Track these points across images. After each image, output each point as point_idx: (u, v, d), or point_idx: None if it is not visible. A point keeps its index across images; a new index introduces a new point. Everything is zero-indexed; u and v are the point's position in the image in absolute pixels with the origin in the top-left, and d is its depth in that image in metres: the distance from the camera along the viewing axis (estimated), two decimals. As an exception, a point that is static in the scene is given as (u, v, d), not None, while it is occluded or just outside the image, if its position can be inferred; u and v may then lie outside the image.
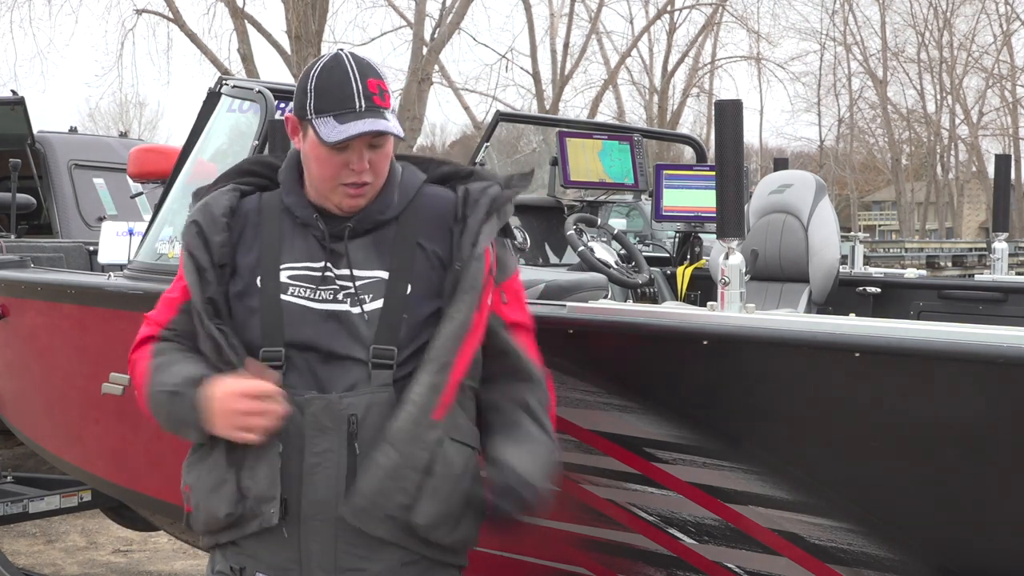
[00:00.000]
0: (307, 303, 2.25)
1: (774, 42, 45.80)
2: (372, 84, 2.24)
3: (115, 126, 43.15)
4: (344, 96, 2.22)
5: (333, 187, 2.26)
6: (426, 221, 2.32)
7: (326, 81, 2.24)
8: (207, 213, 2.34)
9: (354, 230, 2.29)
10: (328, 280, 2.26)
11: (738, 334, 2.55)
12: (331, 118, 2.21)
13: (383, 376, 2.21)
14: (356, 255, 2.28)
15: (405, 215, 2.32)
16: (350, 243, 2.28)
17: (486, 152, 5.00)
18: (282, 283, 2.26)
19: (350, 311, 2.24)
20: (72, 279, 4.76)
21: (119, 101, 45.12)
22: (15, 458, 6.86)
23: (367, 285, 2.26)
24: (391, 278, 2.26)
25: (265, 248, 2.30)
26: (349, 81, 2.23)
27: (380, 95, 2.24)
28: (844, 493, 2.49)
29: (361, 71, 2.24)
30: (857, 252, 5.28)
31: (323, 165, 2.25)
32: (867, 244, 24.80)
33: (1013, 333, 2.23)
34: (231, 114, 4.21)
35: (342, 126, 2.20)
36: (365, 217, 2.29)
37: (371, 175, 2.26)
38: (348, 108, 2.21)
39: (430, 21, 22.84)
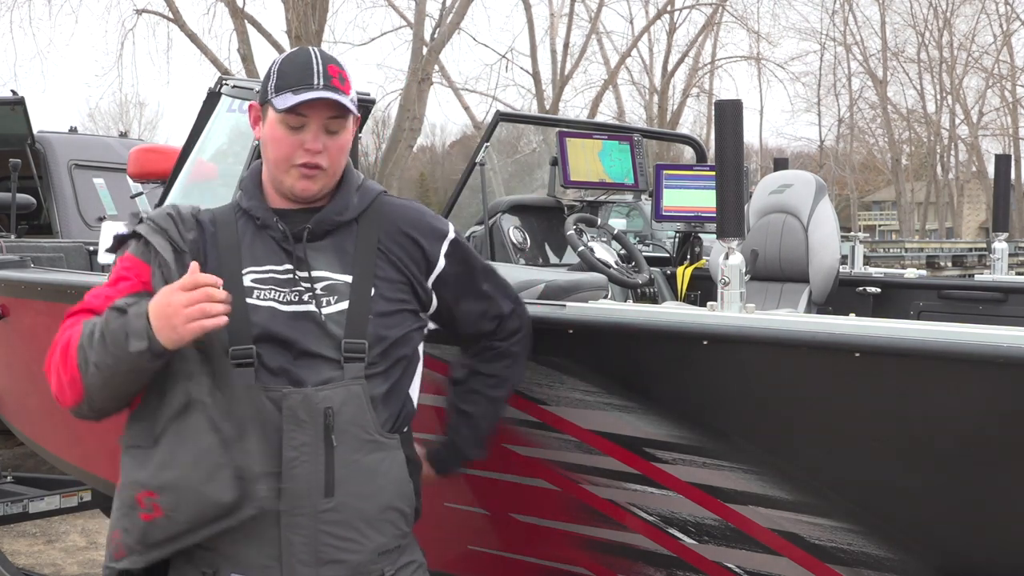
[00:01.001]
0: (275, 305, 2.28)
1: (774, 42, 45.87)
2: (332, 69, 2.30)
3: (115, 126, 43.19)
4: (304, 74, 2.28)
5: (287, 168, 2.30)
6: (389, 224, 2.39)
7: (288, 64, 2.31)
8: (177, 210, 2.38)
9: (313, 232, 2.33)
10: (293, 282, 2.29)
11: (738, 334, 2.55)
12: (288, 92, 2.27)
13: (355, 369, 2.26)
14: (317, 258, 2.32)
15: (366, 217, 2.38)
16: (310, 245, 2.32)
17: (486, 152, 5.00)
18: (247, 287, 2.29)
19: (316, 311, 2.28)
20: (72, 279, 4.76)
21: (119, 101, 45.26)
22: (15, 458, 6.86)
23: (330, 287, 2.30)
24: (355, 281, 2.31)
25: (223, 252, 2.32)
26: (310, 63, 2.30)
27: (340, 79, 2.30)
28: (844, 493, 2.49)
29: (324, 58, 2.32)
30: (857, 252, 5.29)
31: (279, 145, 2.29)
32: (867, 244, 24.81)
33: (1013, 333, 2.23)
34: (231, 114, 4.21)
35: (295, 96, 2.25)
36: (323, 219, 2.34)
37: (326, 160, 2.30)
38: (307, 82, 2.27)
39: (430, 21, 22.85)
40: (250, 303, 2.27)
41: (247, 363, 2.23)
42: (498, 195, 5.61)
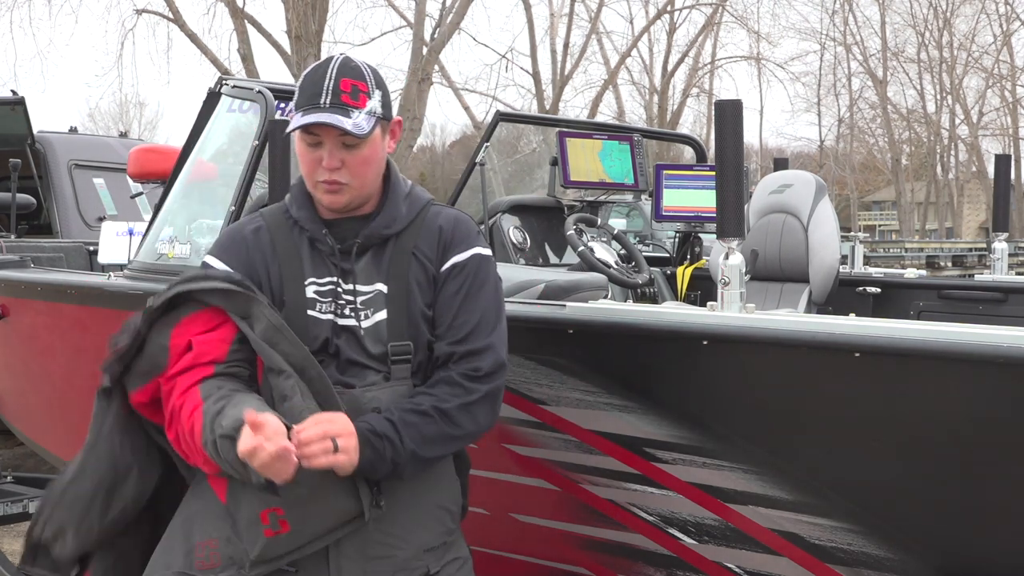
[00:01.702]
0: (334, 318, 2.31)
1: (774, 42, 45.88)
2: (345, 83, 2.28)
3: (115, 126, 43.16)
4: (315, 92, 2.27)
5: (313, 184, 2.32)
6: (427, 229, 2.38)
7: (307, 80, 2.31)
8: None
9: (362, 247, 2.35)
10: (340, 295, 2.32)
11: (738, 334, 2.55)
12: (300, 112, 2.27)
13: (402, 370, 2.29)
14: (360, 272, 2.34)
15: (407, 231, 2.38)
16: (357, 260, 2.34)
17: (486, 152, 5.00)
18: (309, 299, 2.32)
19: (358, 326, 2.31)
20: (72, 279, 4.76)
21: (119, 101, 45.23)
22: (15, 458, 6.86)
23: (369, 299, 2.32)
24: (391, 291, 2.32)
25: (284, 264, 2.34)
26: (323, 79, 2.28)
27: (352, 94, 2.28)
28: (844, 493, 2.49)
29: (339, 70, 2.29)
30: (857, 252, 5.28)
31: (302, 161, 2.32)
32: (867, 244, 24.80)
33: (1013, 333, 2.23)
34: (231, 114, 4.21)
35: (301, 119, 2.26)
36: (372, 234, 2.35)
37: (346, 176, 2.30)
38: (314, 103, 2.26)
39: (430, 21, 22.84)
40: (312, 315, 2.30)
41: None
42: (498, 195, 5.61)
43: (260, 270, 2.34)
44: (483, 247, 2.41)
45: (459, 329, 2.31)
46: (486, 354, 2.30)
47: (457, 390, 2.26)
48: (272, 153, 3.52)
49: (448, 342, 2.30)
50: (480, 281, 2.36)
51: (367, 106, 2.29)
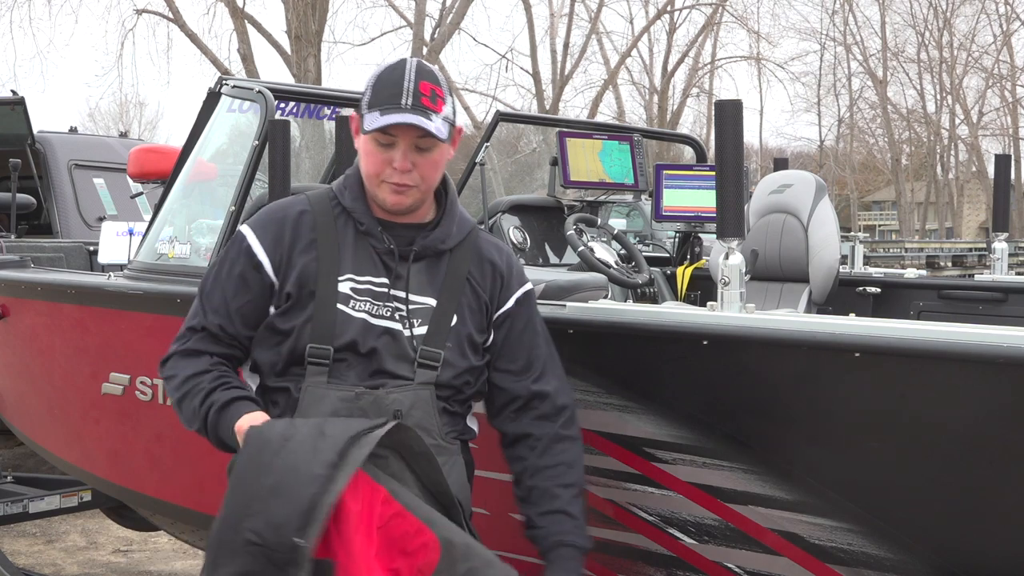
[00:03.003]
0: (368, 317, 2.32)
1: (774, 42, 45.74)
2: (424, 86, 2.29)
3: (115, 126, 43.15)
4: (393, 92, 2.27)
5: (378, 183, 2.32)
6: (477, 255, 2.42)
7: (383, 79, 2.30)
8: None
9: (418, 254, 2.36)
10: (388, 298, 2.33)
11: (738, 334, 2.55)
12: (377, 111, 2.27)
13: (426, 375, 2.32)
14: (413, 279, 2.35)
15: (460, 249, 2.40)
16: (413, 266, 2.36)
17: (486, 152, 5.00)
18: (343, 293, 2.32)
19: (401, 331, 2.32)
20: (72, 279, 4.76)
21: (119, 101, 45.10)
22: (15, 458, 6.86)
23: (417, 310, 2.34)
24: (438, 307, 2.35)
25: (322, 252, 2.34)
26: (402, 80, 2.28)
27: (431, 98, 2.29)
28: (844, 493, 2.49)
29: (418, 73, 2.30)
30: (857, 252, 5.28)
31: (369, 160, 2.31)
32: (867, 244, 24.78)
33: (1013, 333, 2.23)
34: (231, 114, 4.21)
35: (383, 117, 2.25)
36: (429, 244, 2.37)
37: (416, 178, 2.31)
38: (394, 103, 2.26)
39: (430, 21, 22.89)
40: (343, 310, 2.30)
41: (323, 363, 2.28)
42: (498, 195, 5.61)
43: (294, 255, 2.33)
44: (527, 280, 2.53)
45: (535, 364, 2.46)
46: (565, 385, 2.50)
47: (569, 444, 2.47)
48: (272, 153, 3.52)
49: (530, 380, 2.43)
50: (536, 313, 2.51)
51: (443, 111, 2.31)
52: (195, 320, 2.41)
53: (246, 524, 2.05)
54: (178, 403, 2.38)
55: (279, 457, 2.09)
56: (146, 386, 4.08)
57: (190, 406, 2.34)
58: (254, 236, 2.37)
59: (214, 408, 2.30)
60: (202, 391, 2.32)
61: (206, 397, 2.32)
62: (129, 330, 4.24)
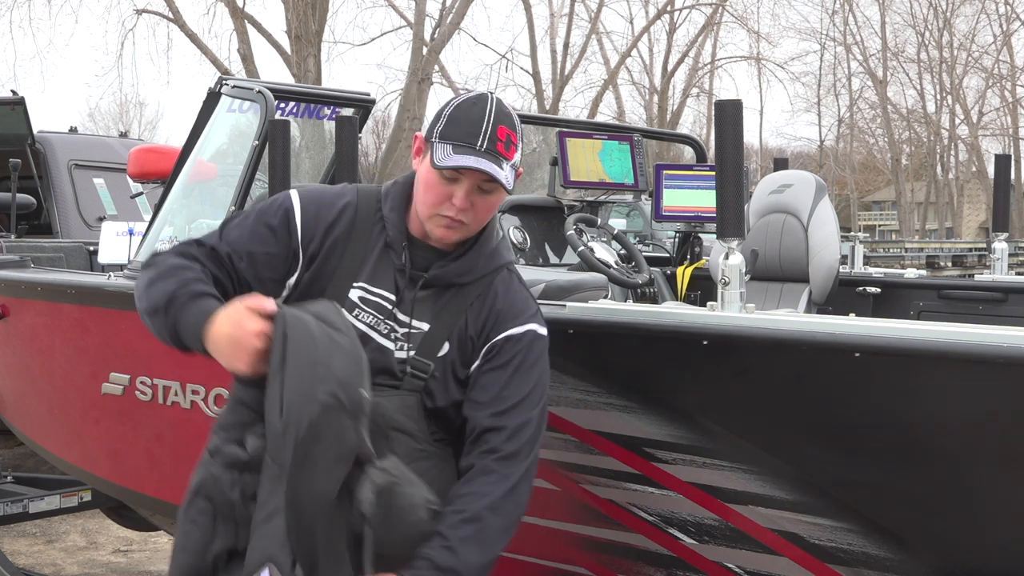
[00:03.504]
0: (371, 332, 2.30)
1: (774, 42, 45.74)
2: (502, 131, 2.25)
3: (115, 126, 43.14)
4: (471, 131, 2.23)
5: (431, 215, 2.28)
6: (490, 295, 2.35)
7: (461, 113, 2.26)
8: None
9: (428, 282, 2.32)
10: (391, 316, 2.32)
11: (738, 334, 2.55)
12: (450, 146, 2.23)
13: (413, 383, 2.30)
14: (417, 304, 2.33)
15: (472, 286, 2.35)
16: (419, 292, 2.32)
17: (486, 152, 4.99)
18: (350, 301, 2.30)
19: (393, 351, 2.31)
20: (72, 279, 4.76)
21: (119, 101, 45.11)
22: (15, 458, 6.86)
23: (413, 335, 2.32)
24: (429, 332, 2.32)
25: (348, 254, 2.32)
26: (482, 120, 2.24)
27: (506, 144, 2.25)
28: (844, 493, 2.49)
29: (497, 116, 2.26)
30: (857, 252, 5.28)
31: (429, 190, 2.27)
32: (867, 244, 24.79)
33: (1013, 333, 2.23)
34: (231, 114, 4.21)
35: (456, 156, 2.22)
36: (442, 276, 2.33)
37: (470, 217, 2.28)
38: (470, 143, 2.23)
39: (430, 21, 22.88)
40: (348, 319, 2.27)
41: None
42: (498, 195, 5.59)
43: (326, 241, 2.31)
44: (540, 325, 2.38)
45: (504, 401, 2.29)
46: (525, 430, 2.29)
47: (495, 477, 2.25)
48: (272, 153, 3.52)
49: (491, 413, 2.28)
50: (533, 359, 2.34)
51: (514, 158, 2.28)
52: (204, 238, 2.34)
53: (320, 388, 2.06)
54: (149, 283, 2.25)
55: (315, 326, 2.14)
56: (146, 386, 4.08)
57: (161, 287, 2.22)
58: (298, 203, 2.34)
59: (186, 293, 2.20)
60: (184, 280, 2.22)
61: (184, 285, 2.22)
62: (129, 330, 4.24)
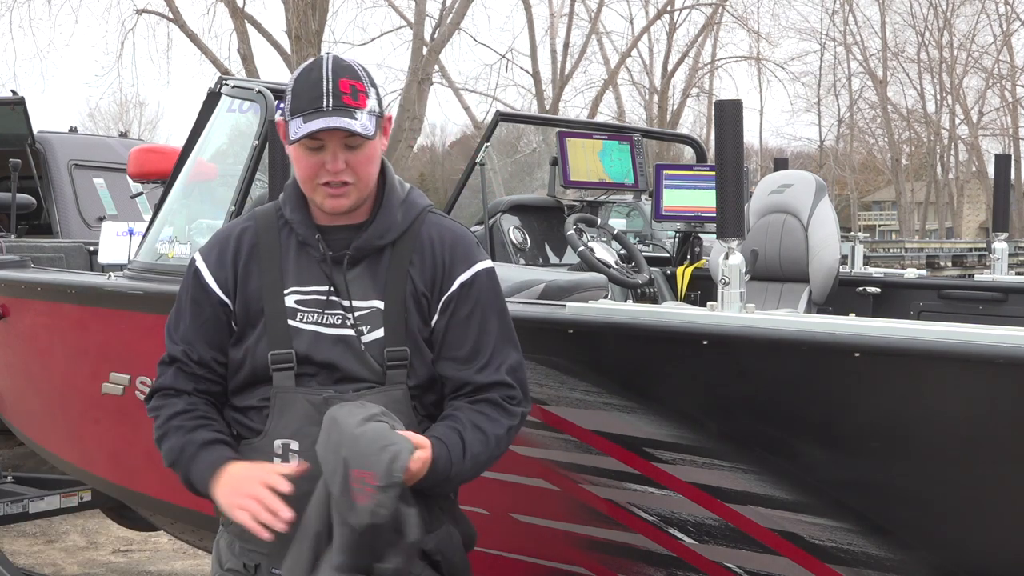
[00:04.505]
0: (318, 328, 2.28)
1: (774, 42, 45.70)
2: (344, 84, 2.22)
3: (115, 126, 43.14)
4: (313, 96, 2.22)
5: (313, 187, 2.27)
6: (424, 242, 2.33)
7: (301, 83, 2.25)
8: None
9: (353, 258, 2.30)
10: (333, 304, 2.29)
11: (738, 334, 2.55)
12: (300, 117, 2.22)
13: (398, 375, 2.27)
14: (354, 283, 2.29)
15: (403, 239, 2.32)
16: (348, 271, 2.29)
17: (486, 152, 5.00)
18: (289, 307, 2.29)
19: (354, 337, 2.28)
20: (72, 279, 4.76)
21: (119, 101, 45.13)
22: (15, 458, 6.86)
23: (366, 316, 2.28)
24: (387, 308, 2.28)
25: (264, 269, 2.31)
26: (320, 81, 2.22)
27: (352, 95, 2.22)
28: (844, 493, 2.49)
29: (335, 71, 2.23)
30: (857, 252, 5.28)
31: (300, 165, 2.27)
32: (867, 244, 24.79)
33: (1013, 333, 2.23)
34: (231, 114, 4.21)
35: (307, 124, 2.20)
36: (363, 245, 2.30)
37: (351, 175, 2.25)
38: (316, 107, 2.21)
39: (430, 21, 22.88)
40: (292, 325, 2.27)
41: (288, 368, 2.26)
42: (498, 195, 5.61)
43: (239, 274, 2.32)
44: (484, 259, 2.36)
45: (481, 354, 2.29)
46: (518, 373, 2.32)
47: (502, 413, 2.28)
48: (272, 153, 3.52)
49: (475, 369, 2.28)
50: (490, 297, 2.33)
51: (367, 105, 2.24)
52: (166, 354, 2.40)
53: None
54: (158, 441, 2.35)
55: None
56: (146, 386, 4.08)
57: (168, 444, 2.32)
58: (201, 260, 2.37)
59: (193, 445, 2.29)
60: (181, 429, 2.31)
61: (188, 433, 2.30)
62: (129, 330, 4.24)
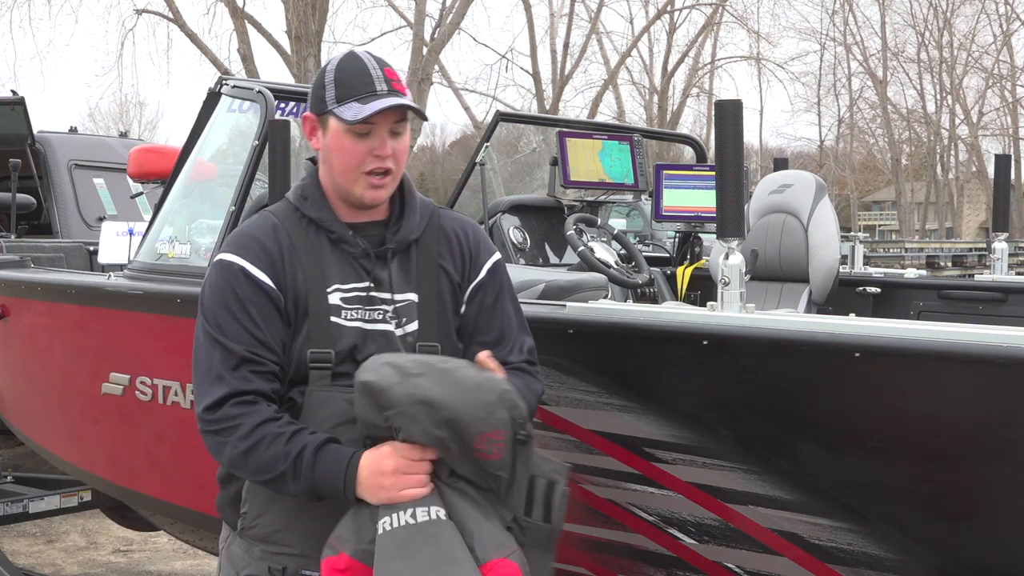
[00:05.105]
0: (363, 324, 2.29)
1: (774, 42, 45.74)
2: (389, 72, 2.29)
3: (115, 126, 43.12)
4: (365, 81, 2.26)
5: (356, 178, 2.28)
6: (445, 237, 2.39)
7: (344, 72, 2.27)
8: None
9: (393, 251, 2.33)
10: (375, 300, 2.30)
11: (738, 334, 2.55)
12: (354, 102, 2.24)
13: None
14: (395, 278, 2.32)
15: (426, 235, 2.37)
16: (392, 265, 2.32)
17: (486, 152, 5.00)
18: (333, 305, 2.28)
19: (393, 331, 2.30)
20: (72, 279, 4.76)
21: (119, 101, 45.15)
22: (15, 458, 6.85)
23: (403, 308, 2.31)
24: (421, 301, 2.32)
25: (307, 269, 2.28)
26: (368, 69, 2.27)
27: (399, 82, 2.29)
28: (844, 493, 2.49)
29: (378, 61, 2.30)
30: (857, 252, 5.28)
31: (346, 154, 2.27)
32: (867, 244, 24.79)
33: (1013, 333, 2.23)
34: (231, 114, 4.21)
35: (367, 105, 2.23)
36: (403, 237, 2.34)
37: (394, 163, 2.29)
38: (370, 91, 2.24)
39: (430, 21, 22.89)
40: (336, 322, 2.26)
41: (326, 367, 2.24)
42: (498, 195, 5.61)
43: (286, 273, 2.27)
44: (494, 250, 2.47)
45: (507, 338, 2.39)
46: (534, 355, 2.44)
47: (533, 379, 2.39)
48: (272, 153, 3.52)
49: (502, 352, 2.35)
50: (508, 283, 2.45)
51: (407, 93, 2.31)
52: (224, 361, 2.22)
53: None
54: (246, 453, 2.18)
55: None
56: (146, 386, 4.08)
57: (270, 454, 2.17)
58: (240, 259, 2.26)
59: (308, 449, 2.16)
60: (283, 435, 2.17)
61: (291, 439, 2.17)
62: (129, 330, 4.24)
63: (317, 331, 2.25)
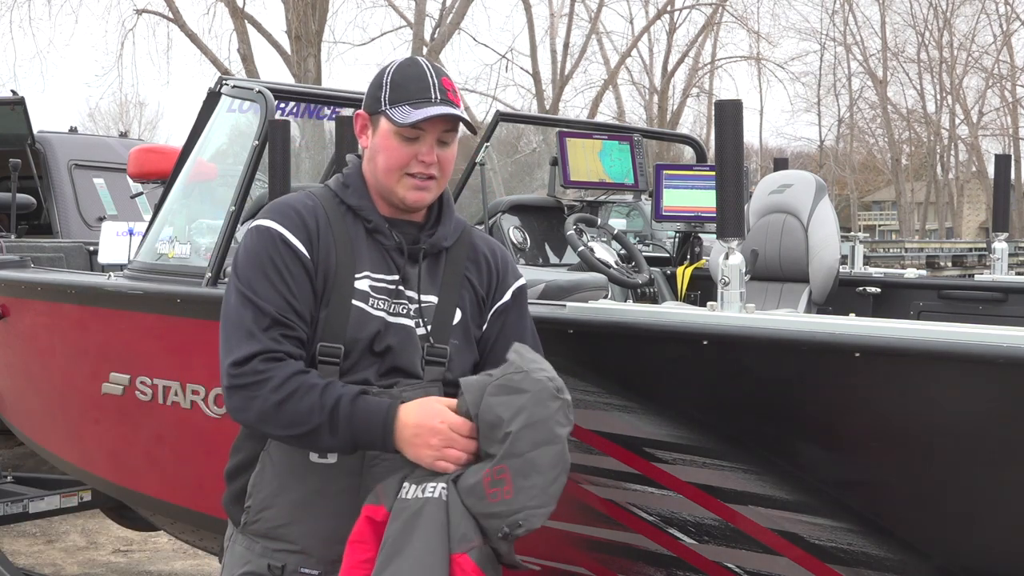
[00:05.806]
0: (386, 316, 2.31)
1: (774, 42, 45.71)
2: (446, 82, 2.34)
3: (115, 126, 43.13)
4: (421, 87, 2.30)
5: (399, 178, 2.32)
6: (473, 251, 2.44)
7: (402, 75, 2.33)
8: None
9: (425, 252, 2.36)
10: (401, 295, 2.33)
11: (738, 334, 2.55)
12: (407, 105, 2.28)
13: (434, 372, 2.32)
14: (423, 277, 2.36)
15: (456, 246, 2.42)
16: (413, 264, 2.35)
17: (486, 152, 5.00)
18: (361, 291, 2.30)
19: (414, 328, 2.33)
20: (72, 279, 4.76)
21: (119, 101, 45.08)
22: (15, 458, 6.86)
23: (425, 308, 2.35)
24: (440, 304, 2.36)
25: (340, 250, 2.31)
26: (425, 76, 2.32)
27: (453, 93, 2.34)
28: (844, 493, 2.49)
29: (437, 70, 2.35)
30: (857, 252, 5.28)
31: (392, 155, 2.31)
32: (867, 244, 24.77)
33: (1013, 333, 2.23)
34: (231, 114, 4.21)
35: (418, 111, 2.27)
36: (436, 243, 2.38)
37: (438, 170, 2.33)
38: (424, 97, 2.29)
39: (430, 21, 22.92)
40: (361, 308, 2.28)
41: (333, 362, 2.25)
42: (498, 195, 5.62)
43: (321, 249, 2.28)
44: (521, 275, 2.53)
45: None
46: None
47: None
48: (272, 153, 3.52)
49: None
50: (527, 309, 2.51)
51: (460, 106, 2.36)
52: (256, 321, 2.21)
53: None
54: (280, 404, 2.16)
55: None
56: (146, 386, 4.08)
57: (304, 403, 2.16)
58: (279, 226, 2.27)
59: (344, 400, 2.17)
60: (317, 386, 2.17)
61: (325, 391, 2.17)
62: (129, 330, 4.24)
63: (335, 312, 2.26)
